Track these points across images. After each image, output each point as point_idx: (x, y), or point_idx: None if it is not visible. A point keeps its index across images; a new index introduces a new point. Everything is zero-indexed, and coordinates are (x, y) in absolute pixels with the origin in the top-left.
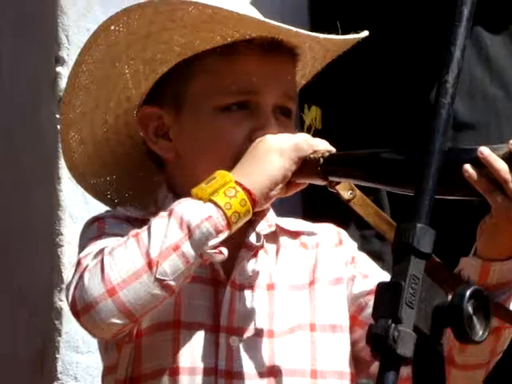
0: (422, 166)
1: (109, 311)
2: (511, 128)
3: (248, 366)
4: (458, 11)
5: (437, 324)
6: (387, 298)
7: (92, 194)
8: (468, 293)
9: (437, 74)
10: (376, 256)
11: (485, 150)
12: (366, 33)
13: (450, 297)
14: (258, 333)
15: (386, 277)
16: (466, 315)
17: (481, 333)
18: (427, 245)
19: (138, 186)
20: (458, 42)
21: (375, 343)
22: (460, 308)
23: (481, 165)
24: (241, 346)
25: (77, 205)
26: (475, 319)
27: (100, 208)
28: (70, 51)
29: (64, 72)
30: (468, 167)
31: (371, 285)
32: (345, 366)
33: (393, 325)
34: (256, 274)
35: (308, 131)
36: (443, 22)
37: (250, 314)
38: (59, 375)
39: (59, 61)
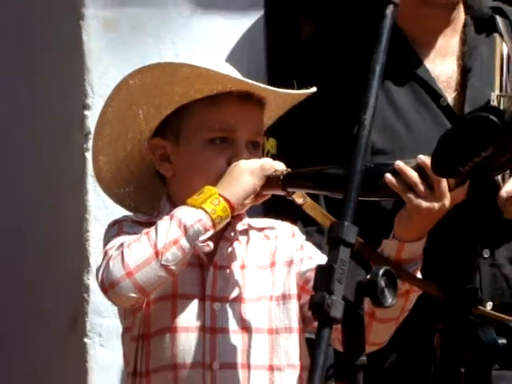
0: (347, 181)
1: (128, 288)
2: (410, 155)
3: (226, 324)
4: (372, 68)
5: (358, 294)
6: (323, 276)
7: (114, 200)
8: (381, 272)
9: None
10: (317, 246)
11: (400, 163)
12: (314, 89)
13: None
14: (234, 300)
15: (323, 259)
16: (379, 288)
17: (390, 300)
18: (352, 237)
19: (147, 195)
20: (372, 92)
21: (315, 308)
22: (375, 283)
23: (397, 173)
24: (221, 309)
25: (99, 209)
26: (386, 291)
27: (116, 211)
28: (94, 99)
29: (89, 114)
30: (388, 175)
31: (314, 264)
32: (294, 323)
33: (327, 295)
34: (231, 258)
35: (267, 156)
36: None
37: (227, 287)
38: (88, 333)
39: (86, 107)
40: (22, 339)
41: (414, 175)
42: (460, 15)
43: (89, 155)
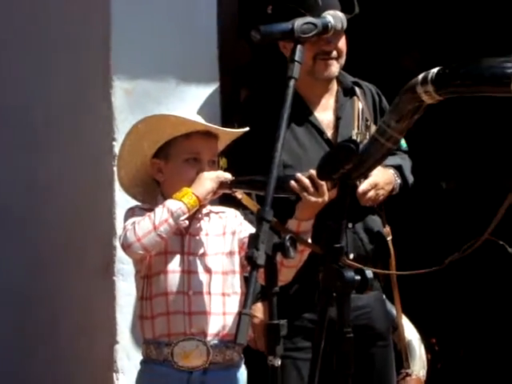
0: (267, 185)
1: (137, 248)
2: (305, 168)
3: (196, 268)
4: (281, 117)
5: (274, 250)
6: (253, 240)
7: (130, 196)
8: (287, 237)
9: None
10: (250, 223)
11: (298, 174)
12: (247, 129)
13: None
14: (201, 254)
15: (253, 230)
16: (286, 247)
17: (292, 254)
18: (269, 217)
19: (149, 193)
20: (281, 133)
21: (248, 259)
22: (283, 244)
23: (297, 181)
24: (193, 260)
25: (122, 201)
26: (290, 248)
27: (132, 202)
28: (119, 135)
29: (116, 144)
30: (292, 182)
31: (248, 233)
32: (236, 268)
33: (255, 251)
34: (199, 229)
35: (221, 169)
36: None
37: (197, 246)
38: (116, 274)
39: (114, 139)
40: (70, 282)
41: (306, 182)
42: (334, 85)
43: (115, 170)
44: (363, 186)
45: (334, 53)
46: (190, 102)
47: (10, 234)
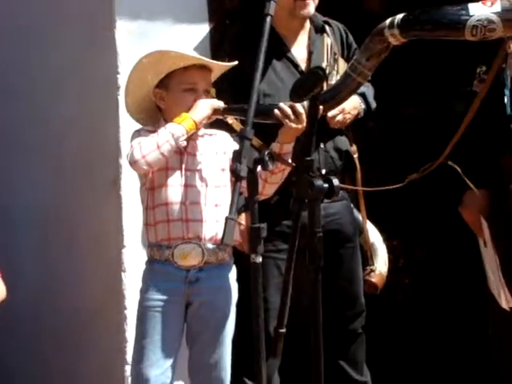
0: (248, 111)
1: (142, 163)
2: (283, 96)
3: (194, 182)
4: (259, 52)
5: (255, 164)
6: (237, 155)
7: (135, 120)
8: (266, 153)
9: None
10: (237, 143)
11: (281, 104)
12: (236, 62)
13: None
14: (197, 170)
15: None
16: (265, 160)
17: (271, 166)
18: (250, 135)
19: (153, 117)
20: (259, 64)
21: (232, 172)
22: (263, 158)
23: (280, 109)
24: (191, 175)
25: (127, 130)
26: (269, 162)
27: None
28: (122, 68)
29: (119, 77)
30: (275, 111)
31: None
32: (227, 182)
33: (238, 164)
34: (195, 148)
35: (212, 98)
36: None
37: (194, 162)
38: (122, 189)
39: (118, 72)
40: (84, 195)
41: (288, 110)
42: (307, 24)
43: (121, 98)
44: (332, 111)
45: None
46: (184, 39)
47: (31, 161)
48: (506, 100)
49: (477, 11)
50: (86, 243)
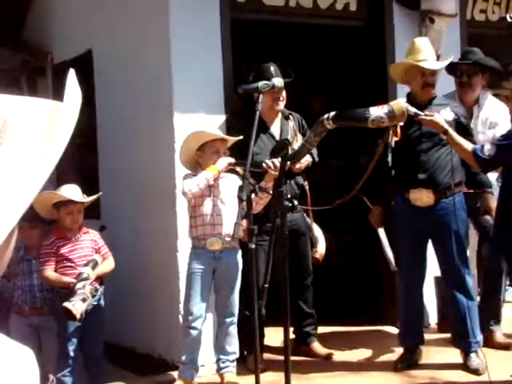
0: (247, 163)
1: (189, 194)
2: (266, 156)
3: (217, 202)
4: (252, 129)
5: (250, 193)
6: (240, 188)
7: (186, 168)
8: (257, 187)
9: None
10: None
11: (267, 160)
12: (241, 137)
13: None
14: (220, 196)
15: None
16: (256, 191)
17: (260, 194)
18: (248, 177)
19: (195, 167)
20: (252, 137)
21: (238, 197)
22: (255, 190)
23: (266, 164)
24: (217, 199)
25: (180, 173)
26: (259, 192)
27: (186, 171)
28: (177, 140)
29: (176, 145)
30: (263, 164)
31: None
32: (235, 203)
33: (240, 193)
34: (218, 184)
35: (227, 156)
36: None
37: (218, 192)
38: (176, 205)
39: (174, 141)
40: (151, 211)
41: (270, 164)
42: (279, 114)
43: (177, 157)
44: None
45: (281, 98)
46: (209, 123)
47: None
48: (389, 157)
49: (374, 112)
50: (158, 236)
